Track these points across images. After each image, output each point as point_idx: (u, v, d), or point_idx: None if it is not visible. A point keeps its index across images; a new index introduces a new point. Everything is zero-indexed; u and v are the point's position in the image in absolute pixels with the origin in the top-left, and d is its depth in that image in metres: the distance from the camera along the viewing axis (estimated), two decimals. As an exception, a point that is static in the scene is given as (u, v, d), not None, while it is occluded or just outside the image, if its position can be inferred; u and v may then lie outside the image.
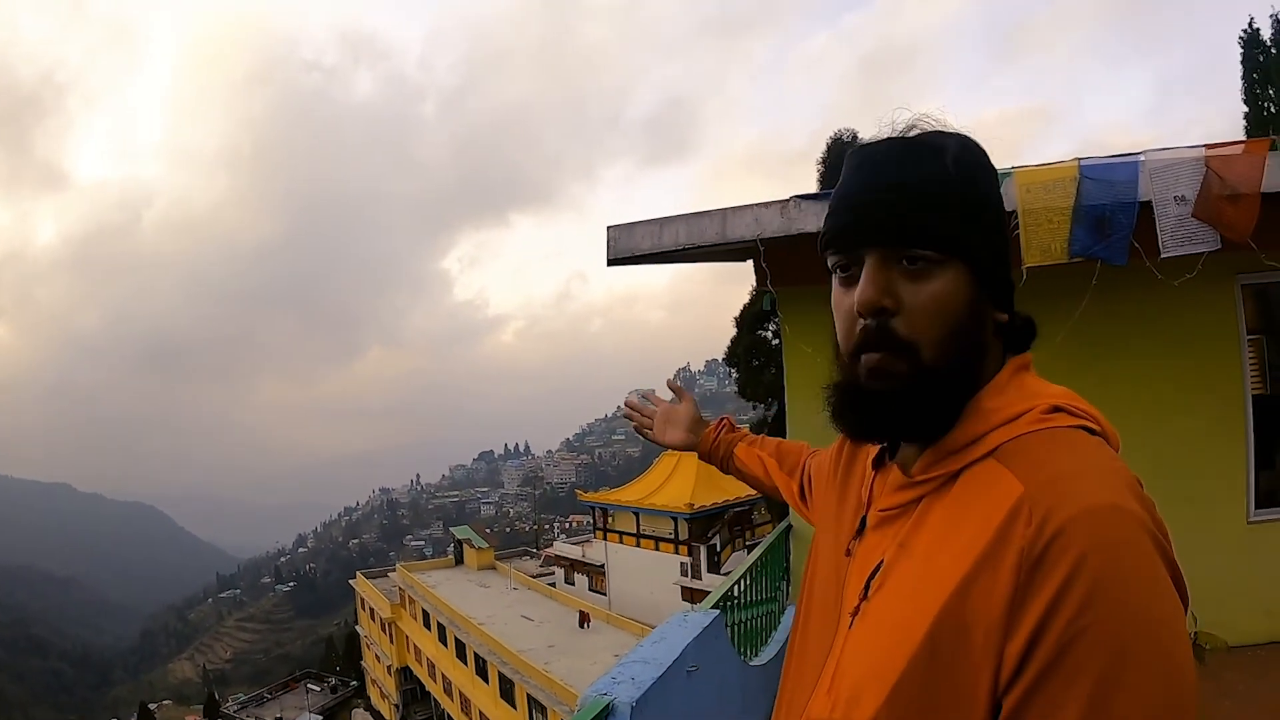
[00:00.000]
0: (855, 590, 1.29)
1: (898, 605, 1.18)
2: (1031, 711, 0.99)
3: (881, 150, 1.26)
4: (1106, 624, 0.96)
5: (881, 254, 1.22)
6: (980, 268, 1.24)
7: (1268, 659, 6.17)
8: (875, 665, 1.16)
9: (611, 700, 3.41)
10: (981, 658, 1.04)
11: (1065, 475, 1.07)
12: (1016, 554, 1.03)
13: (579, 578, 51.46)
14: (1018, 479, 1.09)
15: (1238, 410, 6.77)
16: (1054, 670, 0.97)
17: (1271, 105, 27.83)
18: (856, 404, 1.27)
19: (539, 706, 34.91)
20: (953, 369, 1.22)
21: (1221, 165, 5.35)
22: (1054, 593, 0.98)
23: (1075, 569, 0.98)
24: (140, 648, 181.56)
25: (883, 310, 1.21)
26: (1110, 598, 0.97)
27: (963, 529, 1.13)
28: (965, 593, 1.07)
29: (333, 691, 75.03)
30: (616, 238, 6.84)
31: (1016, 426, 1.18)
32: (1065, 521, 1.01)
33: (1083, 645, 0.96)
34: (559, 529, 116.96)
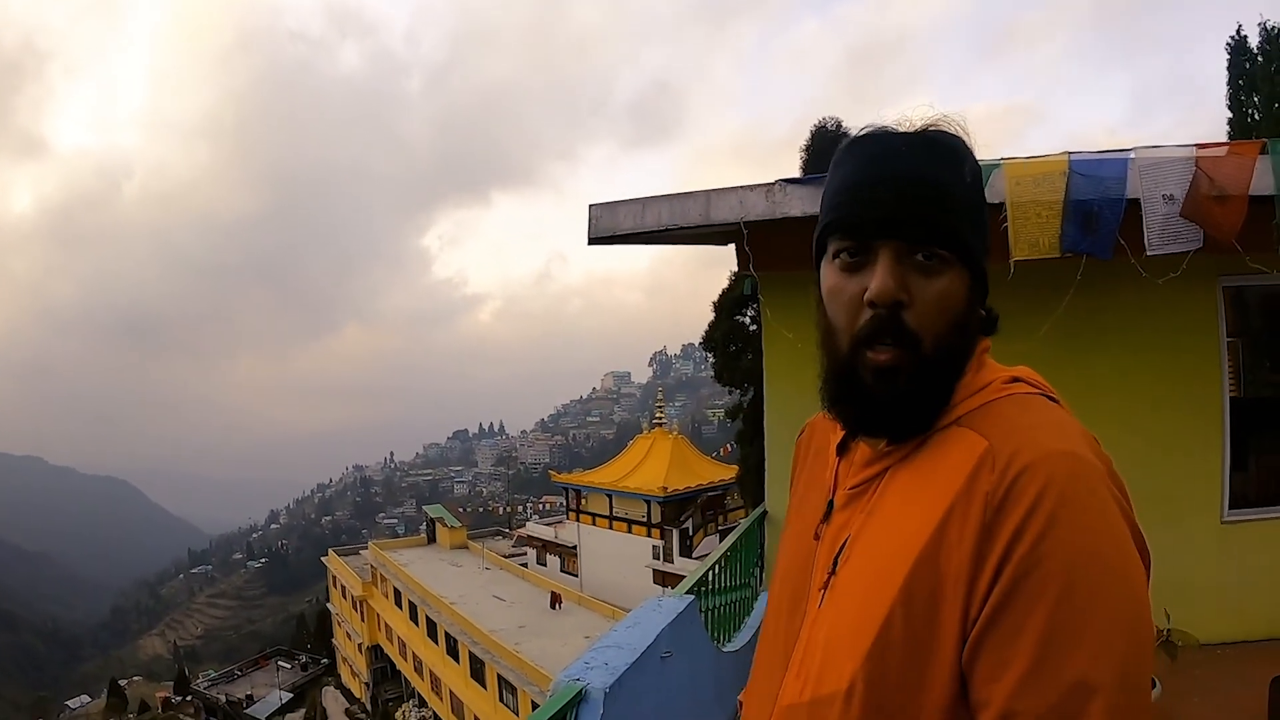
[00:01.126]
0: (823, 569, 1.35)
1: (868, 567, 1.25)
2: (994, 637, 1.09)
3: (904, 144, 1.29)
4: (1060, 553, 1.07)
5: (899, 247, 1.25)
6: (977, 270, 1.32)
7: (1238, 657, 6.19)
8: (848, 630, 1.22)
9: (585, 686, 3.39)
10: (953, 599, 1.13)
11: (1025, 428, 1.20)
12: (983, 498, 1.13)
13: (551, 558, 51.59)
14: (982, 436, 1.20)
15: (1215, 411, 6.79)
16: (1014, 597, 1.08)
17: (1256, 112, 27.99)
18: (860, 401, 1.31)
19: (509, 687, 35.05)
20: (948, 361, 1.29)
21: (1211, 166, 5.36)
22: (1015, 527, 1.09)
23: (1034, 505, 1.09)
24: (111, 623, 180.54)
25: (897, 302, 1.24)
26: (1063, 530, 1.08)
27: (929, 486, 1.22)
28: (938, 542, 1.15)
29: (303, 669, 74.93)
30: (599, 216, 6.77)
31: (981, 396, 1.29)
32: (1025, 465, 1.12)
33: (1039, 573, 1.07)
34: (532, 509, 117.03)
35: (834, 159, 1.38)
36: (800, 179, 6.35)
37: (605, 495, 46.70)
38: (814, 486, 1.54)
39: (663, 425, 51.34)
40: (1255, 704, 5.27)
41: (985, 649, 1.09)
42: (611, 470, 48.86)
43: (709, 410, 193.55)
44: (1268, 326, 7.57)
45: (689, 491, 43.87)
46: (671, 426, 53.84)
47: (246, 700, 69.21)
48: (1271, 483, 7.11)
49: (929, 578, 1.15)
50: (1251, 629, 6.53)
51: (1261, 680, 5.26)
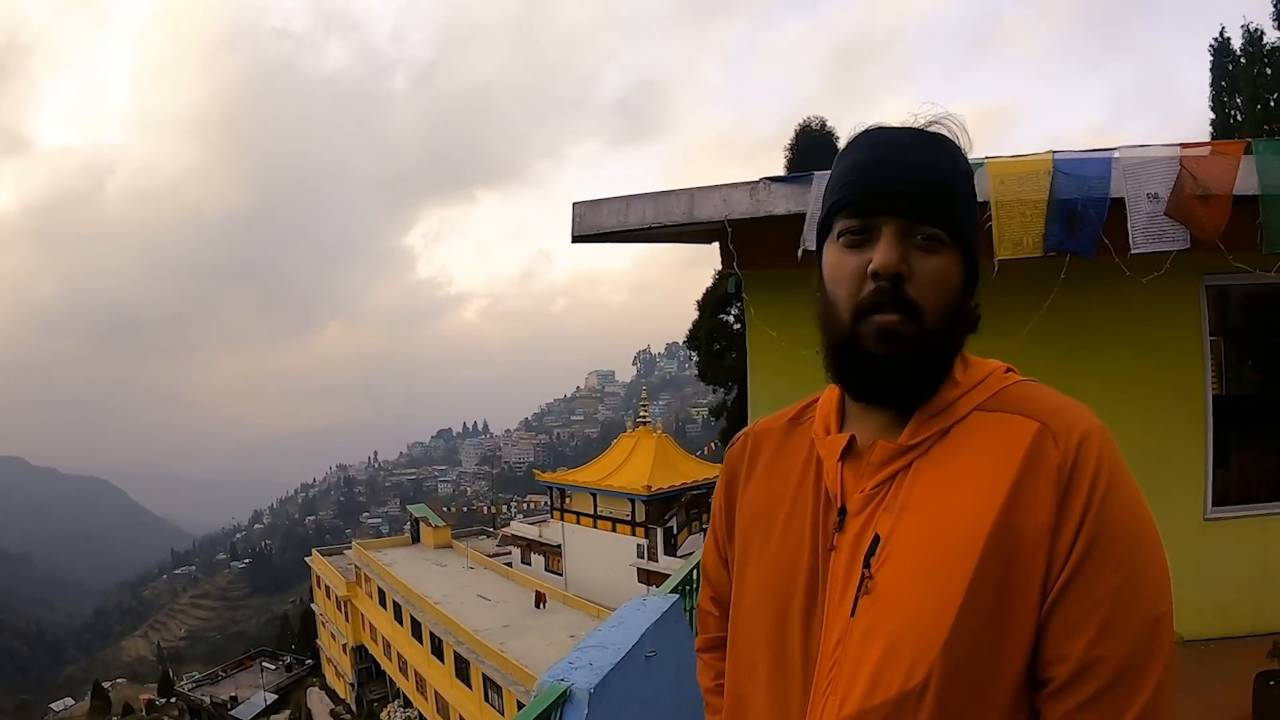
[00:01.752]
0: (851, 576, 1.35)
1: (924, 559, 1.29)
2: (1076, 589, 1.22)
3: (909, 136, 1.39)
4: (1123, 511, 1.24)
5: (902, 225, 1.34)
6: (969, 257, 1.41)
7: (1221, 653, 6.23)
8: (914, 624, 1.26)
9: (569, 686, 3.39)
10: (1032, 564, 1.23)
11: (1060, 408, 1.33)
12: (1054, 469, 1.25)
13: (535, 558, 51.51)
14: (1028, 417, 1.32)
15: (1198, 409, 6.82)
16: (1093, 552, 1.22)
17: (1238, 113, 28.22)
18: (862, 366, 1.38)
19: (494, 686, 34.99)
20: (948, 336, 1.38)
21: (1195, 165, 5.38)
22: (1087, 493, 1.23)
23: (1097, 474, 1.24)
24: (94, 625, 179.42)
25: (899, 275, 1.32)
26: (1120, 492, 1.25)
27: (980, 466, 1.30)
28: (1007, 516, 1.25)
29: (288, 670, 74.72)
30: (582, 214, 6.74)
31: (989, 385, 1.40)
32: (1081, 438, 1.27)
33: (1110, 529, 1.23)
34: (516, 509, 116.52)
35: (842, 149, 1.47)
36: (784, 177, 6.34)
37: (589, 494, 46.64)
38: (783, 499, 1.54)
39: (647, 424, 51.28)
40: (1239, 700, 5.30)
41: (1067, 603, 1.22)
42: (595, 469, 48.80)
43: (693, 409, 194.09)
44: (1250, 325, 7.61)
45: (673, 490, 43.85)
46: (655, 425, 53.78)
47: (231, 702, 68.97)
48: (1253, 480, 7.15)
49: (1004, 549, 1.24)
50: (1235, 625, 6.56)
51: (1245, 676, 5.30)
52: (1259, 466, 7.20)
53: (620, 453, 48.83)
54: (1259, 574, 6.72)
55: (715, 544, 1.79)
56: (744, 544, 1.60)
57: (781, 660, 1.43)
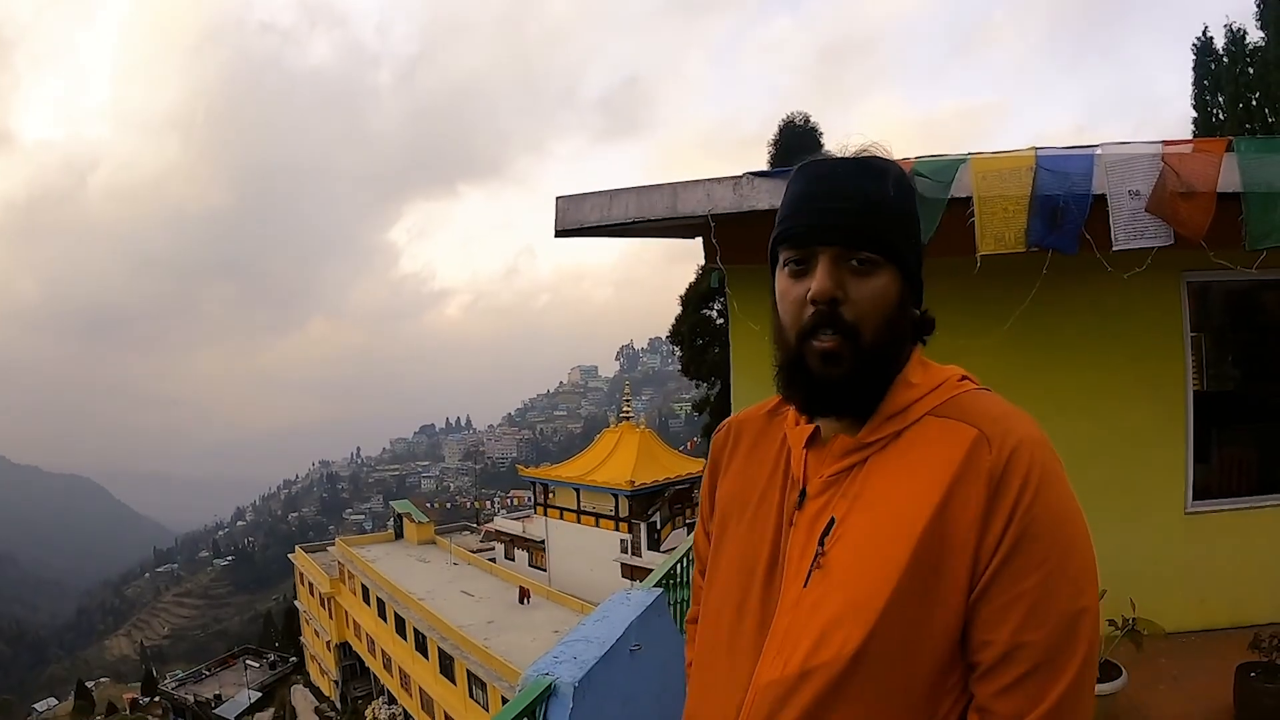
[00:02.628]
0: (806, 551, 1.51)
1: (870, 540, 1.43)
2: (1002, 581, 1.35)
3: (839, 166, 1.53)
4: (1049, 512, 1.36)
5: (836, 253, 1.48)
6: (907, 272, 1.53)
7: (1201, 646, 6.27)
8: (854, 598, 1.40)
9: (554, 680, 3.40)
10: (960, 556, 1.36)
11: (1002, 417, 1.45)
12: (986, 473, 1.37)
13: (519, 553, 51.48)
14: (968, 424, 1.44)
15: (1179, 405, 6.84)
16: (1018, 549, 1.34)
17: (1220, 112, 28.33)
18: (807, 385, 1.52)
19: (479, 683, 35.01)
20: (885, 351, 1.51)
21: (1177, 162, 5.40)
22: (1015, 495, 1.35)
23: (1026, 478, 1.36)
24: (77, 624, 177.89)
25: (834, 299, 1.46)
26: (1047, 498, 1.36)
27: (924, 467, 1.44)
28: (943, 510, 1.38)
29: (272, 668, 74.45)
30: (565, 208, 6.72)
31: (942, 392, 1.53)
32: (1015, 446, 1.39)
33: (1036, 528, 1.35)
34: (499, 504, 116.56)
35: (788, 182, 1.60)
36: (767, 172, 6.34)
37: (573, 489, 46.64)
38: (759, 481, 1.70)
39: (630, 419, 51.31)
40: (1221, 691, 5.34)
41: (993, 593, 1.35)
42: (579, 464, 48.79)
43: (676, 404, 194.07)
44: (1230, 322, 7.65)
45: (656, 485, 43.91)
46: (638, 420, 53.80)
47: (215, 700, 68.69)
48: (1233, 474, 7.19)
49: (937, 540, 1.37)
50: (1216, 618, 6.60)
51: (1226, 668, 5.33)
52: (1239, 461, 7.24)
53: (603, 448, 48.85)
54: (1239, 567, 6.76)
55: (702, 523, 1.92)
56: (722, 522, 1.76)
57: (741, 623, 1.57)
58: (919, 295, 1.60)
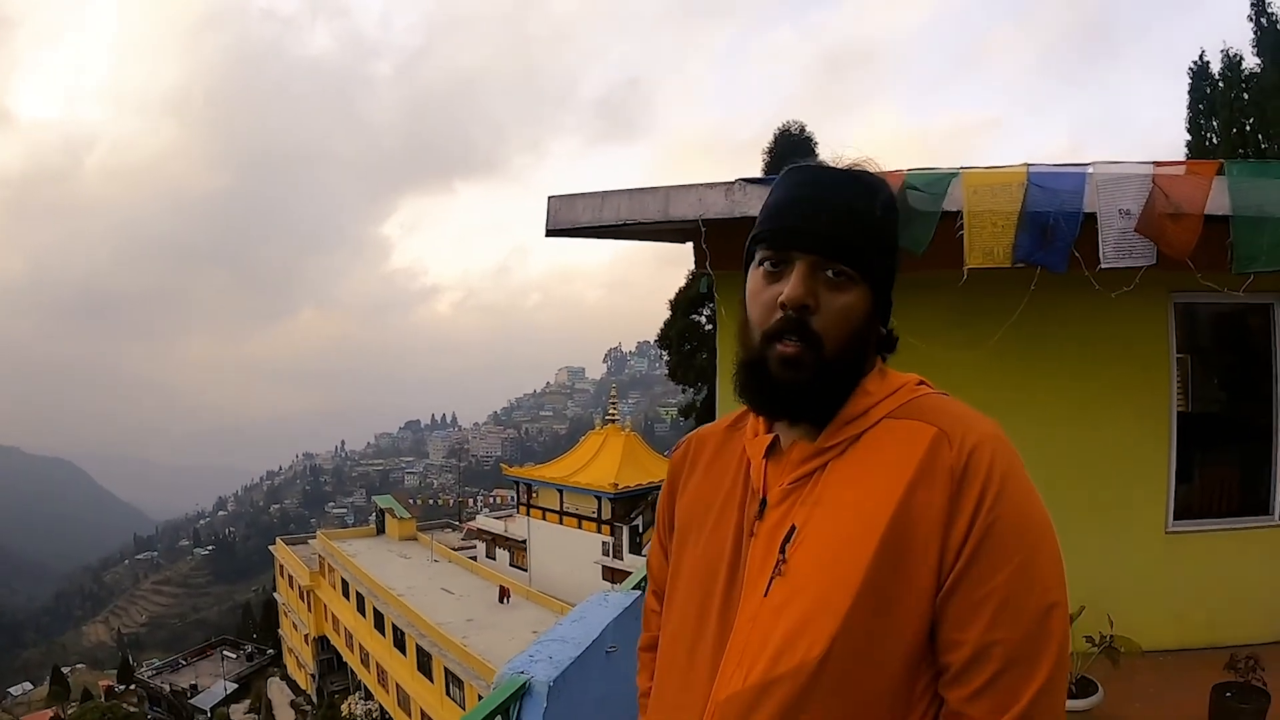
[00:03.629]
0: (767, 560, 1.49)
1: (830, 546, 1.42)
2: (969, 580, 1.34)
3: (831, 176, 1.54)
4: (1013, 509, 1.35)
5: (813, 261, 1.48)
6: (879, 291, 1.54)
7: (1178, 664, 6.30)
8: (817, 603, 1.38)
9: (529, 679, 3.40)
10: (924, 555, 1.35)
11: (959, 416, 1.46)
12: (947, 470, 1.37)
13: (500, 552, 51.40)
14: (928, 423, 1.45)
15: (1162, 424, 6.88)
16: (984, 546, 1.33)
17: (1214, 136, 28.46)
18: (765, 387, 1.53)
19: (456, 680, 34.95)
20: (846, 363, 1.51)
21: (1167, 183, 5.42)
22: (978, 492, 1.35)
23: (989, 474, 1.36)
24: (54, 609, 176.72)
25: (805, 307, 1.47)
26: (1011, 493, 1.36)
27: (884, 466, 1.43)
28: (906, 508, 1.37)
29: (249, 659, 74.18)
30: (557, 208, 6.74)
31: (900, 396, 1.53)
32: (976, 443, 1.39)
33: (1000, 525, 1.34)
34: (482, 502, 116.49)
35: (774, 183, 1.60)
36: (760, 179, 6.35)
37: (556, 490, 46.57)
38: (717, 495, 1.68)
39: (615, 422, 51.26)
40: (1196, 710, 5.36)
41: (961, 592, 1.34)
42: (563, 465, 48.74)
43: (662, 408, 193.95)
44: (1216, 344, 7.70)
45: (640, 489, 43.84)
46: (624, 423, 53.77)
47: (190, 690, 68.39)
48: (1214, 495, 7.22)
49: (900, 541, 1.36)
50: (1193, 637, 6.62)
51: (1202, 687, 5.36)
52: (1220, 482, 7.27)
53: (588, 450, 48.81)
54: (1217, 587, 6.79)
55: (659, 541, 1.91)
56: (681, 536, 1.73)
57: (701, 639, 1.55)
58: (887, 314, 1.61)
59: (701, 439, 1.85)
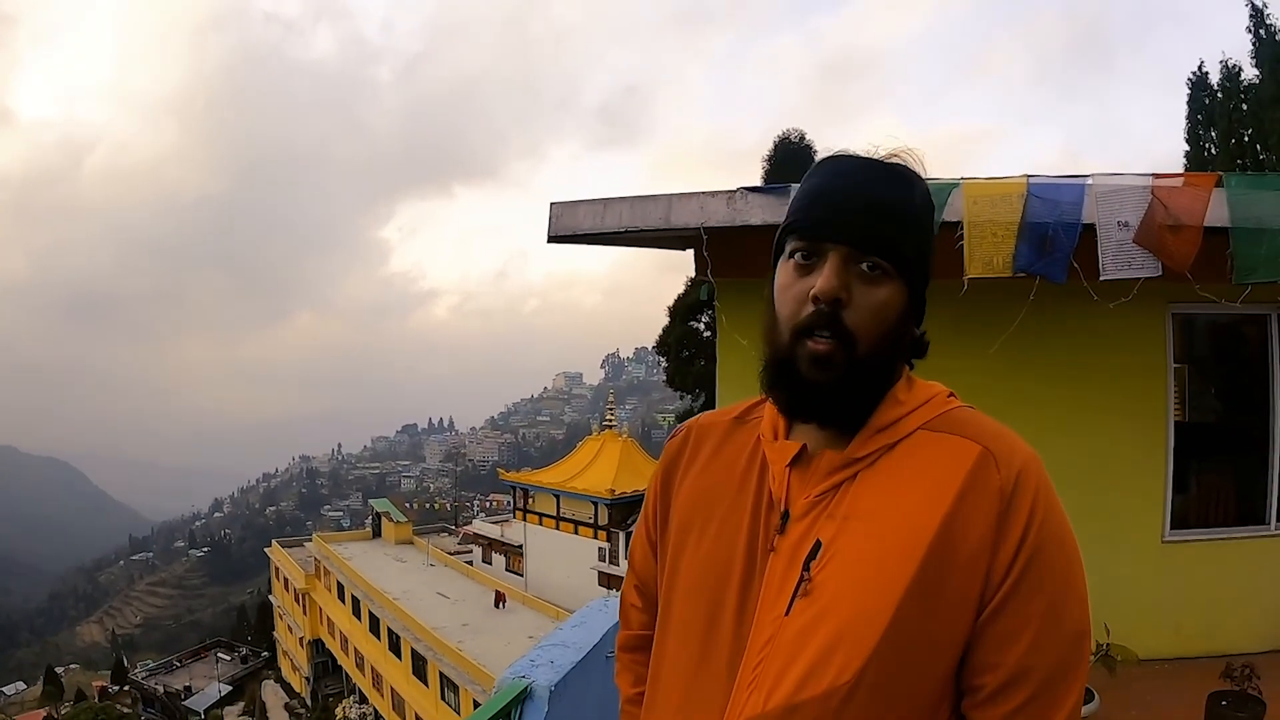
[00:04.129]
0: (789, 578, 1.39)
1: (865, 564, 1.34)
2: (1014, 603, 1.30)
3: (865, 166, 1.44)
4: (1056, 534, 1.33)
5: (847, 253, 1.38)
6: (915, 289, 1.46)
7: (1175, 673, 6.30)
8: (849, 626, 1.31)
9: (530, 684, 3.41)
10: (969, 575, 1.30)
11: (1003, 434, 1.40)
12: (996, 490, 1.32)
13: (496, 557, 51.44)
14: (969, 439, 1.38)
15: (1160, 434, 6.90)
16: (1029, 569, 1.30)
17: (1213, 147, 28.54)
18: (795, 386, 1.43)
19: (451, 685, 34.92)
20: (879, 363, 1.42)
21: (1167, 195, 5.45)
22: (1027, 514, 1.31)
23: (1036, 497, 1.32)
24: (49, 609, 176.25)
25: (838, 300, 1.37)
26: (1053, 518, 1.33)
27: (924, 482, 1.36)
28: (949, 528, 1.31)
29: (243, 662, 74.20)
30: (559, 215, 6.73)
31: (933, 407, 1.46)
32: (1022, 465, 1.34)
33: (1047, 549, 1.31)
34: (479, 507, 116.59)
35: (807, 173, 1.51)
36: (761, 187, 6.37)
37: (553, 495, 46.57)
38: (723, 494, 1.57)
39: (613, 427, 51.25)
40: (1191, 718, 5.37)
41: (1004, 615, 1.30)
42: (560, 470, 48.75)
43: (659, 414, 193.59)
44: (1213, 354, 7.74)
45: (637, 494, 43.65)
46: (621, 429, 53.72)
47: (184, 692, 68.38)
48: (1210, 505, 7.24)
49: (943, 562, 1.30)
50: (1189, 646, 6.64)
51: (1198, 696, 5.37)
52: (1216, 492, 7.29)
53: (585, 455, 48.81)
54: (1214, 596, 6.81)
55: (646, 532, 1.79)
56: (680, 535, 1.61)
57: (709, 655, 1.46)
58: (921, 315, 1.51)
59: (704, 428, 1.72)
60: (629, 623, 1.90)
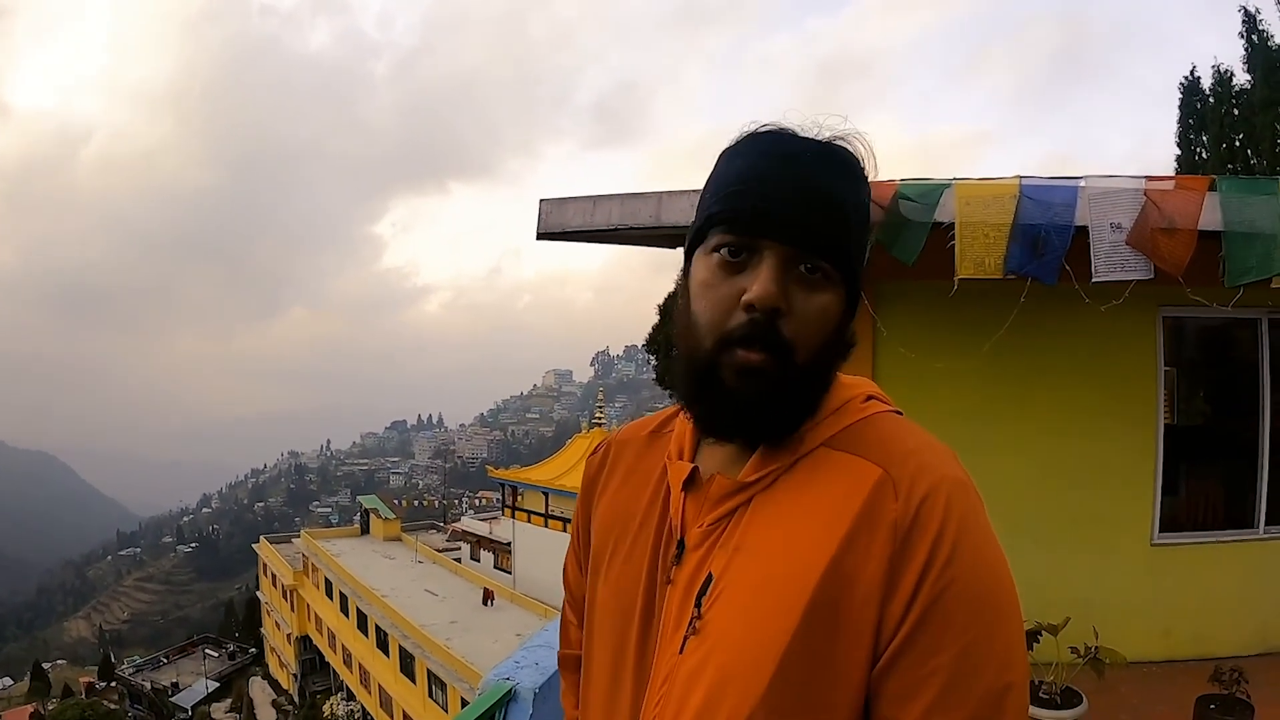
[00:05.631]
0: (682, 612, 1.27)
1: (752, 601, 1.20)
2: (911, 656, 1.11)
3: (807, 149, 1.24)
4: (968, 574, 1.12)
5: (787, 253, 1.19)
6: (853, 293, 1.27)
7: (1163, 676, 6.32)
8: (736, 668, 1.17)
9: (514, 685, 3.39)
10: (861, 621, 1.13)
11: (909, 453, 1.21)
12: (890, 525, 1.14)
13: (485, 554, 51.32)
14: (870, 461, 1.21)
15: (1149, 437, 6.92)
16: (930, 617, 1.11)
17: (1204, 151, 28.61)
18: (717, 402, 1.25)
19: (439, 682, 34.82)
20: (819, 374, 1.26)
21: (1160, 198, 5.43)
22: (927, 554, 1.12)
23: (940, 532, 1.12)
24: (36, 604, 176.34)
25: (776, 310, 1.18)
26: (967, 554, 1.13)
27: (816, 512, 1.20)
28: (838, 566, 1.14)
29: (231, 658, 74.10)
30: (548, 212, 6.71)
31: (841, 417, 1.28)
32: (925, 493, 1.15)
33: (950, 594, 1.11)
34: (468, 504, 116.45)
35: (730, 148, 1.30)
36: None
37: (542, 493, 46.46)
38: (634, 515, 1.44)
39: (602, 425, 51.20)
40: (1180, 724, 5.38)
41: (900, 668, 1.12)
42: (549, 468, 48.65)
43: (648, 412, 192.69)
44: (1203, 358, 7.75)
45: (626, 493, 43.78)
46: (611, 427, 53.72)
47: (171, 688, 68.24)
48: (1200, 509, 7.26)
49: (831, 604, 1.14)
50: (1178, 649, 6.66)
51: (1186, 699, 5.38)
52: (1205, 495, 7.31)
53: (574, 453, 48.71)
54: (1202, 599, 6.83)
55: (574, 551, 1.69)
56: (596, 559, 1.50)
57: (617, 690, 1.36)
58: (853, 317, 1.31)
59: (621, 444, 1.59)
60: (568, 640, 1.77)
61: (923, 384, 6.42)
